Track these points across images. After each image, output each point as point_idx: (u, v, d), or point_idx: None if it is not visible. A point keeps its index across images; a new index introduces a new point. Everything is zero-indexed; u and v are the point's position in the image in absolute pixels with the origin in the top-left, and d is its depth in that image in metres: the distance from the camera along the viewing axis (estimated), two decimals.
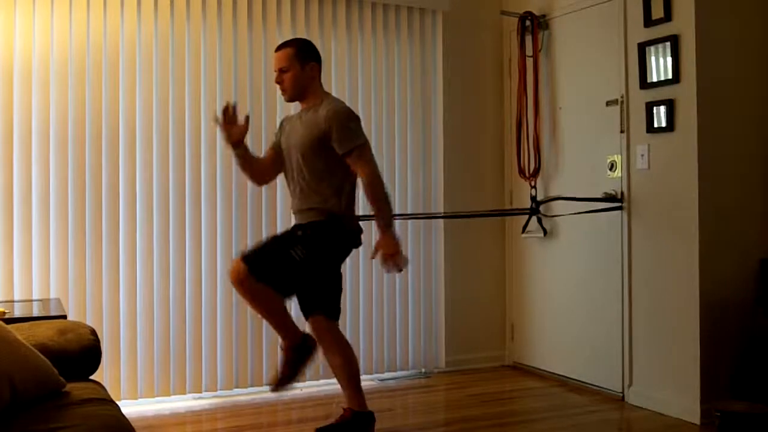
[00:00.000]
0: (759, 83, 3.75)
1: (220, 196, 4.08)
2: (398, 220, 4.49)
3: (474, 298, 4.78)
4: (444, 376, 4.57)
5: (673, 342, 3.66)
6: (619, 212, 3.99)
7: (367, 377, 4.35)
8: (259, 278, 2.99)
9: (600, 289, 4.14)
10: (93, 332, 2.55)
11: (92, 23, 3.82)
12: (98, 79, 3.84)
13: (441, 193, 4.67)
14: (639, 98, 3.86)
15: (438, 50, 4.69)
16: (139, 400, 3.90)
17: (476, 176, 4.80)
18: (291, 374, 3.20)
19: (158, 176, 3.95)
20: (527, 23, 4.56)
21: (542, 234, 4.49)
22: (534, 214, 4.48)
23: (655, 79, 3.77)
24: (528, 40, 4.59)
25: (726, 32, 3.65)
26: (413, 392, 4.26)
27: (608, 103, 4.07)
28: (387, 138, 4.52)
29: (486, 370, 4.70)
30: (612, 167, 4.05)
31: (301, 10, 4.28)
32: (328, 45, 4.33)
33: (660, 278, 3.75)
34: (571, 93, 4.38)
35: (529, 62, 4.58)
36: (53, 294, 3.72)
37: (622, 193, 3.97)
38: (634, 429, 3.66)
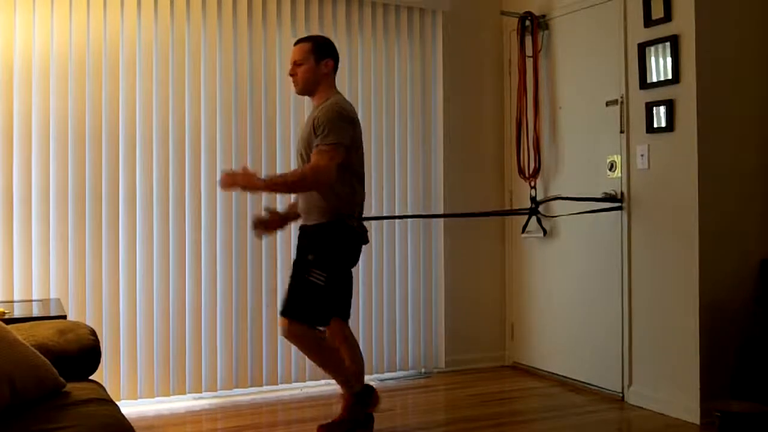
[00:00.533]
0: (759, 83, 3.75)
1: (220, 196, 4.07)
2: (398, 220, 4.49)
3: (474, 298, 4.78)
4: (444, 376, 4.57)
5: (673, 342, 3.66)
6: (619, 212, 3.99)
7: (367, 377, 4.34)
8: (301, 320, 3.09)
9: (600, 289, 4.14)
10: (93, 332, 2.55)
11: (92, 23, 3.82)
12: (98, 79, 3.84)
13: (441, 193, 4.67)
14: (639, 98, 3.86)
15: (438, 50, 4.69)
16: (139, 400, 3.90)
17: (476, 176, 4.80)
18: (351, 425, 3.22)
19: (158, 176, 3.95)
20: (527, 23, 4.56)
21: (542, 234, 4.49)
22: (534, 214, 4.48)
23: (655, 79, 3.77)
24: (528, 40, 4.59)
25: (726, 32, 3.65)
26: (413, 392, 4.26)
27: (608, 103, 4.07)
28: (387, 138, 4.52)
29: (486, 370, 4.70)
30: (612, 167, 4.05)
31: (302, 10, 4.28)
32: None
33: (660, 278, 3.75)
34: (571, 93, 4.38)
35: (529, 62, 4.58)
36: (53, 294, 3.72)
37: (622, 193, 3.97)
38: (634, 429, 3.66)
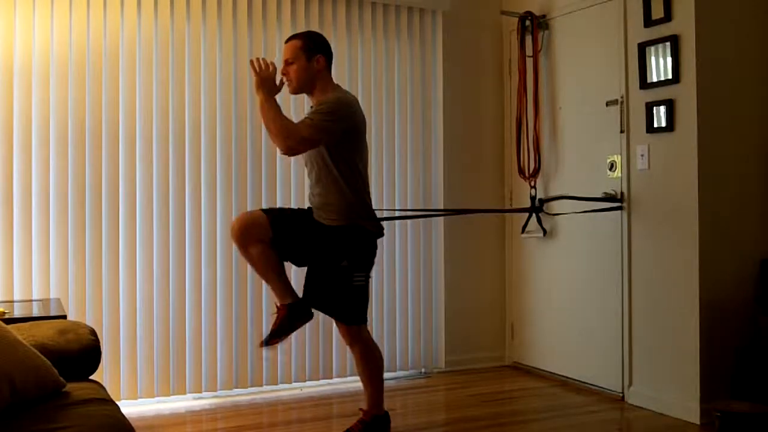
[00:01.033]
0: (759, 83, 3.75)
1: (220, 196, 4.08)
2: (398, 220, 4.49)
3: (474, 298, 4.78)
4: (444, 376, 4.57)
5: (673, 342, 3.66)
6: (619, 212, 3.99)
7: None
8: (364, 321, 3.22)
9: (600, 289, 4.14)
10: (93, 332, 2.55)
11: (92, 23, 3.82)
12: (98, 79, 3.83)
13: (441, 193, 4.67)
14: (639, 98, 3.86)
15: (438, 50, 4.69)
16: (139, 400, 3.90)
17: (476, 176, 4.80)
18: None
19: (158, 176, 3.95)
20: (527, 23, 4.56)
21: (542, 234, 4.49)
22: (536, 212, 4.47)
23: (655, 79, 3.77)
24: (528, 40, 4.59)
25: (726, 32, 3.65)
26: (413, 392, 4.26)
27: (608, 103, 4.07)
28: (387, 138, 4.52)
29: (486, 370, 4.70)
30: (612, 167, 4.05)
31: (301, 10, 4.28)
32: None
33: (660, 278, 3.75)
34: (571, 93, 4.38)
35: (529, 62, 4.58)
36: (53, 294, 3.72)
37: (622, 193, 3.97)
38: (634, 429, 3.66)
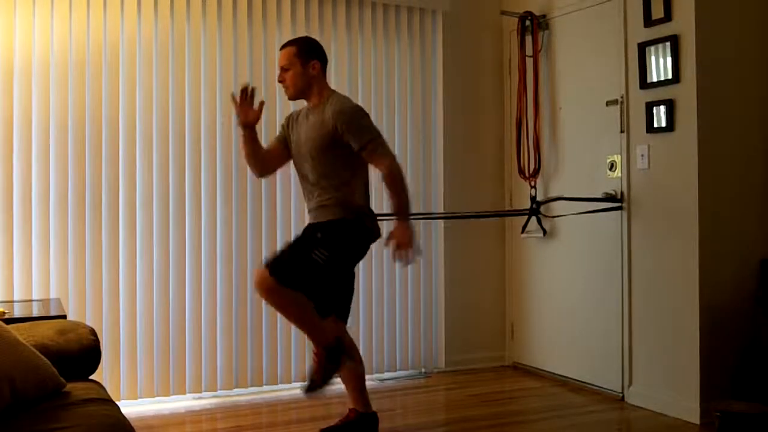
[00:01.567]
0: (759, 83, 3.75)
1: (220, 196, 4.08)
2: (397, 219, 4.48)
3: (474, 298, 4.78)
4: (444, 376, 4.57)
5: (673, 342, 3.66)
6: (619, 212, 3.99)
7: (367, 377, 4.31)
8: (285, 284, 2.96)
9: (600, 289, 4.14)
10: (93, 332, 2.55)
11: (92, 23, 3.82)
12: (98, 79, 3.84)
13: (441, 193, 4.67)
14: (639, 98, 3.86)
15: (438, 50, 4.69)
16: (139, 400, 3.90)
17: (476, 176, 4.80)
18: (324, 379, 3.12)
19: (158, 176, 3.95)
20: (527, 23, 4.56)
21: (542, 234, 4.49)
22: (534, 215, 4.48)
23: (655, 79, 3.77)
24: (528, 40, 4.59)
25: (726, 32, 3.65)
26: (413, 392, 4.26)
27: (608, 103, 4.07)
28: (387, 138, 4.49)
29: (486, 370, 4.70)
30: (612, 167, 4.05)
31: (301, 10, 4.28)
32: (328, 45, 4.32)
33: (660, 278, 3.75)
34: (571, 93, 4.38)
35: (529, 62, 4.58)
36: (53, 294, 3.72)
37: (622, 193, 3.97)
38: (634, 429, 3.66)
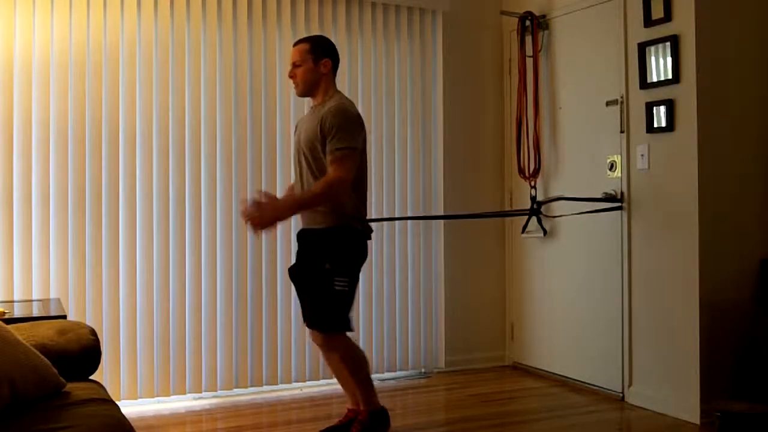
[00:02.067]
0: (759, 83, 3.75)
1: (220, 196, 4.08)
2: (398, 221, 4.49)
3: (474, 298, 4.78)
4: (444, 376, 4.57)
5: (673, 342, 3.66)
6: (619, 212, 3.99)
7: None
8: (337, 329, 3.11)
9: (600, 289, 4.14)
10: (93, 332, 2.55)
11: (92, 23, 3.82)
12: (98, 79, 3.84)
13: (441, 193, 4.67)
14: (639, 98, 3.86)
15: (438, 50, 4.69)
16: (139, 400, 3.90)
17: (476, 176, 4.80)
18: None
19: (158, 176, 3.95)
20: (527, 23, 4.56)
21: (542, 234, 4.49)
22: (534, 215, 4.48)
23: (655, 79, 3.77)
24: (528, 40, 4.59)
25: (726, 32, 3.65)
26: (413, 392, 4.26)
27: (608, 103, 4.07)
28: (387, 138, 4.52)
29: (486, 370, 4.70)
30: (612, 167, 4.05)
31: (301, 10, 4.28)
32: None
33: (660, 278, 3.75)
34: (571, 93, 4.38)
35: (529, 62, 4.58)
36: (53, 294, 3.72)
37: (622, 193, 3.97)
38: (634, 429, 3.66)
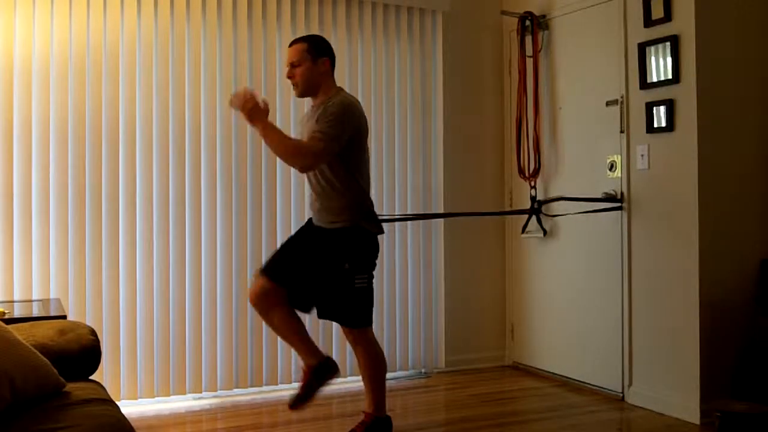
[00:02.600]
0: (759, 83, 3.75)
1: (220, 196, 4.08)
2: (398, 222, 4.49)
3: (474, 298, 4.78)
4: (444, 376, 4.57)
5: (673, 342, 3.66)
6: (619, 212, 3.99)
7: None
8: (368, 324, 3.18)
9: (600, 289, 4.14)
10: (93, 332, 2.55)
11: (92, 23, 3.82)
12: (98, 79, 3.83)
13: (441, 193, 4.67)
14: (639, 98, 3.86)
15: (438, 50, 4.69)
16: (139, 400, 3.89)
17: (476, 176, 4.80)
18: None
19: (158, 176, 3.95)
20: (527, 23, 4.56)
21: (542, 234, 4.49)
22: (535, 214, 4.48)
23: (655, 79, 3.77)
24: (528, 40, 4.58)
25: (726, 32, 3.65)
26: (413, 392, 4.26)
27: (608, 103, 4.07)
28: (387, 138, 4.52)
29: (486, 370, 4.70)
30: (612, 167, 4.05)
31: (301, 10, 4.28)
32: None
33: (660, 278, 3.75)
34: (571, 93, 4.38)
35: (529, 62, 4.58)
36: (53, 294, 3.72)
37: (622, 193, 3.97)
38: (634, 429, 3.66)
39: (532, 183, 4.53)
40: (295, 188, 4.23)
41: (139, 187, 3.91)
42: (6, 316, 2.90)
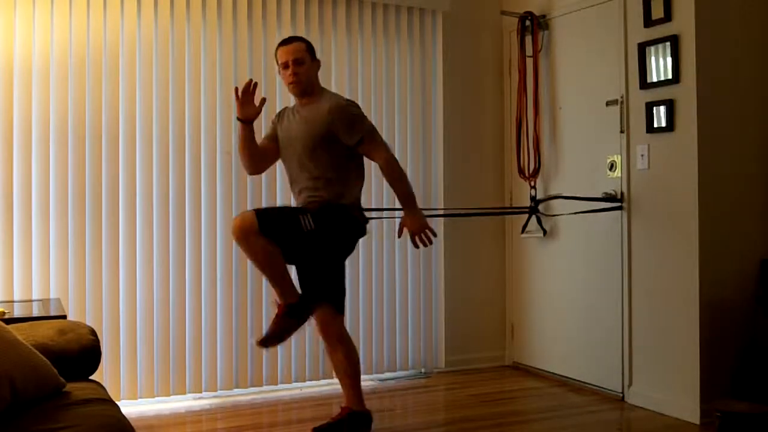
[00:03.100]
0: (759, 83, 3.75)
1: (220, 196, 4.08)
2: (398, 220, 4.47)
3: (474, 298, 4.78)
4: (444, 376, 4.57)
5: (673, 342, 3.66)
6: (619, 212, 3.99)
7: (367, 377, 4.35)
8: (265, 233, 2.99)
9: (600, 289, 4.14)
10: (93, 332, 2.55)
11: (92, 23, 3.82)
12: (98, 79, 3.83)
13: (441, 193, 4.67)
14: (639, 98, 3.86)
15: (438, 50, 4.69)
16: (139, 400, 3.89)
17: (476, 176, 4.80)
18: (279, 334, 3.13)
19: (158, 176, 3.95)
20: (527, 23, 4.56)
21: (542, 234, 4.49)
22: (533, 213, 4.48)
23: (655, 79, 3.77)
24: (528, 40, 4.58)
25: (726, 32, 3.65)
26: (413, 392, 4.26)
27: (608, 103, 4.07)
28: (387, 137, 4.50)
29: (486, 370, 4.70)
30: (612, 167, 4.05)
31: (301, 10, 4.28)
32: (328, 45, 4.33)
33: (660, 278, 3.75)
34: (571, 93, 4.38)
35: (529, 62, 4.58)
36: (53, 294, 3.72)
37: (622, 193, 3.97)
38: (634, 429, 3.66)
39: (532, 183, 4.53)
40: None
41: (139, 187, 3.91)
42: (6, 316, 2.90)
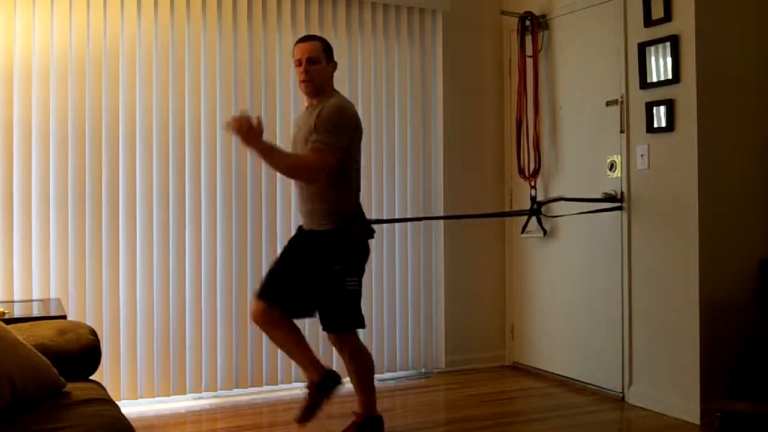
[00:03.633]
0: (759, 83, 3.75)
1: (220, 196, 4.08)
2: (397, 222, 4.49)
3: (474, 298, 4.78)
4: (444, 376, 4.57)
5: (673, 342, 3.66)
6: (619, 212, 3.99)
7: None
8: (353, 328, 3.17)
9: (600, 289, 4.14)
10: (93, 332, 2.55)
11: (92, 23, 3.82)
12: (98, 79, 3.84)
13: (441, 194, 4.67)
14: (639, 98, 3.86)
15: (438, 50, 4.69)
16: (139, 400, 3.90)
17: (476, 176, 4.80)
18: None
19: (158, 176, 3.95)
20: (527, 23, 4.56)
21: (542, 234, 4.49)
22: (535, 215, 4.48)
23: (655, 79, 3.77)
24: (528, 40, 4.59)
25: (726, 32, 3.65)
26: (413, 392, 4.26)
27: (608, 103, 4.07)
28: (387, 138, 4.52)
29: (486, 370, 4.70)
30: (612, 167, 4.05)
31: (301, 10, 4.28)
32: None
33: (660, 278, 3.75)
34: (571, 93, 4.38)
35: (529, 62, 4.58)
36: (53, 294, 3.72)
37: (622, 193, 3.97)
38: (634, 429, 3.66)
39: (532, 183, 4.53)
40: (295, 185, 4.22)
41: (139, 187, 3.91)
42: (6, 316, 2.90)
